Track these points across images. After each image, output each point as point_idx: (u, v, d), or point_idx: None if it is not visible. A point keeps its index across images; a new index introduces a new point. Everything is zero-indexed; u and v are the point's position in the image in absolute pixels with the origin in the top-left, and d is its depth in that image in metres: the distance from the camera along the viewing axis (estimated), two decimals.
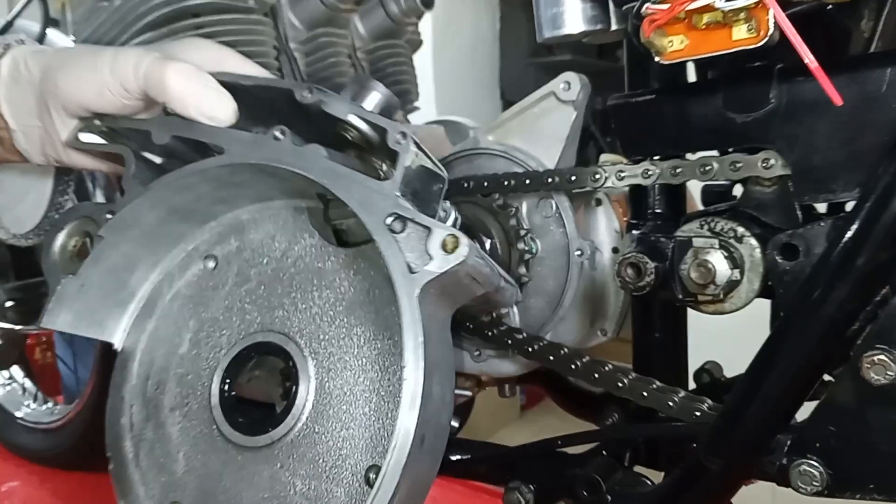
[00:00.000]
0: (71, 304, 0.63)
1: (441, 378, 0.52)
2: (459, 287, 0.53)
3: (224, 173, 0.60)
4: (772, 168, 0.62)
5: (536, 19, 0.71)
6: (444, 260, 0.50)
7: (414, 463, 0.49)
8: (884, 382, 0.54)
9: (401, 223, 0.51)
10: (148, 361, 0.66)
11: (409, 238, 0.51)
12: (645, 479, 0.74)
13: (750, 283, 0.64)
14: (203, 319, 0.64)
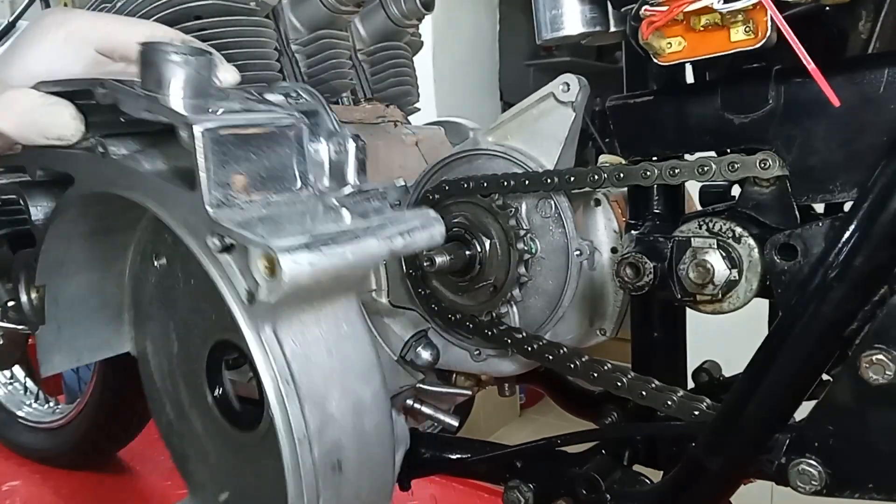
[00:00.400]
0: (59, 347, 0.61)
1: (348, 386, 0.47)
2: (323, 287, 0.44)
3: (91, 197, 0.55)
4: (770, 169, 0.63)
5: (536, 21, 0.71)
6: (270, 287, 0.40)
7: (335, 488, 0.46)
8: (882, 382, 0.54)
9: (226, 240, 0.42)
10: (158, 363, 0.66)
11: (240, 258, 0.42)
12: (644, 478, 0.74)
13: (748, 283, 0.64)
14: (177, 320, 0.62)
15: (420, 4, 1.10)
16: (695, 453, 0.64)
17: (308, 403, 0.44)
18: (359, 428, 0.48)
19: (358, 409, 0.48)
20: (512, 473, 0.78)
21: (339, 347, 0.47)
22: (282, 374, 0.43)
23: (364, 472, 0.49)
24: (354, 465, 0.47)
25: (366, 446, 0.48)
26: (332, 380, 0.46)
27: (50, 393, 1.89)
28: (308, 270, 0.40)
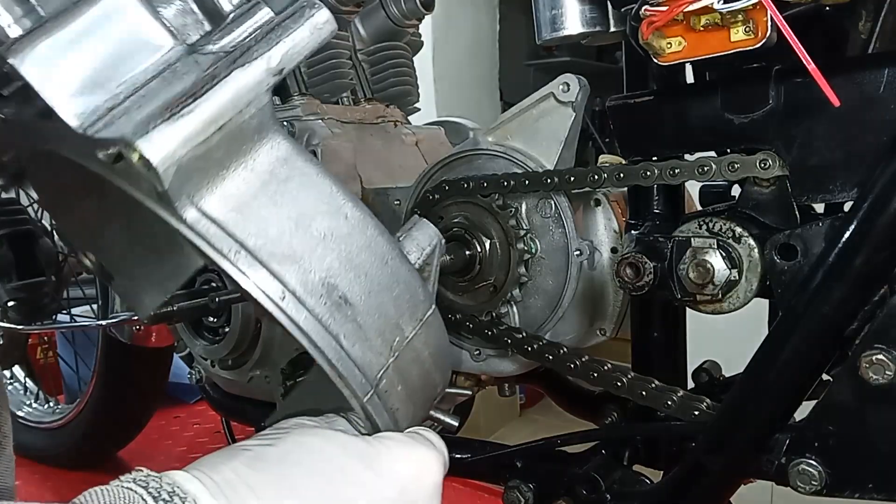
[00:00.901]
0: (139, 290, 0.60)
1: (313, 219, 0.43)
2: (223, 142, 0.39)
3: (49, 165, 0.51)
4: (770, 169, 0.63)
5: (536, 21, 0.71)
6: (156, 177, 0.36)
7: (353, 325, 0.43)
8: (882, 382, 0.54)
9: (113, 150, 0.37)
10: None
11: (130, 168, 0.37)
12: (644, 478, 0.74)
13: (748, 283, 0.64)
14: None
15: (420, 4, 1.10)
16: (695, 453, 0.64)
17: (271, 263, 0.41)
18: (346, 255, 0.44)
19: (334, 241, 0.44)
20: (512, 473, 0.78)
21: (283, 191, 0.43)
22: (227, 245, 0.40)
23: (376, 295, 0.46)
24: (361, 293, 0.45)
25: (362, 269, 0.45)
26: (289, 226, 0.42)
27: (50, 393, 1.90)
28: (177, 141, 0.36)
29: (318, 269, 0.43)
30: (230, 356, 1.03)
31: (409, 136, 1.10)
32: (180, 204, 0.39)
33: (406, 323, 0.48)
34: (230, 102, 0.38)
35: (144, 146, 0.35)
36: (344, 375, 0.44)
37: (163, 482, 0.35)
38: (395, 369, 0.47)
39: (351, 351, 0.44)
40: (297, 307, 0.42)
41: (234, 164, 0.41)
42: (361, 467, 0.43)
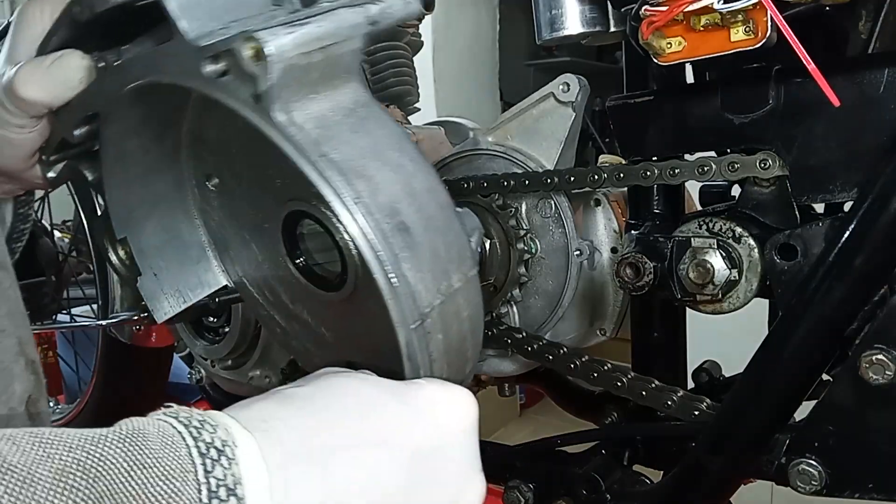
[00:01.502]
0: (162, 294, 0.65)
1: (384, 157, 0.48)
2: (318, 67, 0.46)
3: (119, 126, 0.57)
4: (770, 169, 0.63)
5: (536, 21, 0.71)
6: (263, 71, 0.43)
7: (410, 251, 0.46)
8: (882, 382, 0.54)
9: (219, 62, 0.45)
10: (253, 281, 0.68)
11: (235, 71, 0.44)
12: (644, 478, 0.74)
13: (748, 283, 0.64)
14: (249, 227, 0.64)
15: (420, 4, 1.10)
16: (695, 453, 0.65)
17: (348, 174, 0.45)
18: (410, 189, 0.48)
19: (402, 173, 0.48)
20: (512, 473, 0.78)
21: (361, 125, 0.48)
22: (312, 151, 0.44)
23: (434, 231, 0.49)
24: (420, 226, 0.47)
25: (423, 207, 0.49)
26: (364, 152, 0.47)
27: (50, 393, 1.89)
28: (290, 41, 0.43)
29: (386, 192, 0.46)
30: (230, 356, 1.03)
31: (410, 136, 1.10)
32: (274, 108, 0.44)
33: (453, 271, 0.50)
34: (334, 29, 0.46)
35: (263, 35, 0.42)
36: (400, 294, 0.45)
37: (193, 412, 0.36)
38: (439, 314, 0.48)
39: (407, 273, 0.46)
40: (366, 216, 0.45)
41: (323, 90, 0.47)
42: (396, 402, 0.43)
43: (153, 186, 0.63)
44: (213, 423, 0.35)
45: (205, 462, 0.32)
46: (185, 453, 0.32)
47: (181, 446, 0.33)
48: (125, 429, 0.33)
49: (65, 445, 0.30)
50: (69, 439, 0.31)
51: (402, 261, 0.45)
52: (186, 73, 0.47)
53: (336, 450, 0.38)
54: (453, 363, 0.51)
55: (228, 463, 0.33)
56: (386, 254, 0.45)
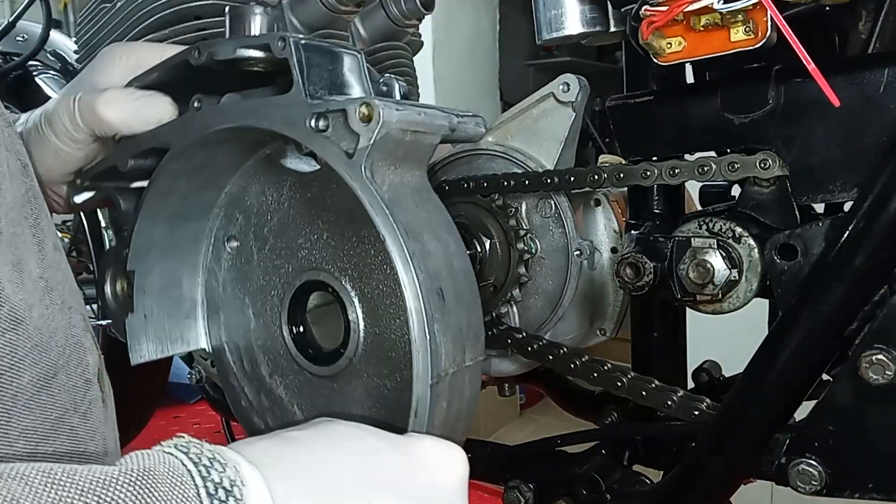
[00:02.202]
0: (145, 336, 0.68)
1: (435, 234, 0.54)
2: (406, 145, 0.53)
3: (181, 165, 0.62)
4: (770, 169, 0.63)
5: (536, 21, 0.71)
6: (367, 132, 0.50)
7: (442, 315, 0.51)
8: (882, 382, 0.54)
9: (323, 120, 0.52)
10: (234, 348, 0.71)
11: (336, 129, 0.52)
12: (644, 478, 0.74)
13: (748, 283, 0.64)
14: (253, 292, 0.68)
15: (420, 4, 1.10)
16: (695, 453, 0.65)
17: (407, 233, 0.50)
18: (450, 266, 0.54)
19: (447, 252, 0.54)
20: (512, 473, 0.78)
21: (422, 203, 0.55)
22: (381, 203, 0.50)
23: (461, 307, 0.54)
24: (452, 297, 0.53)
25: (458, 284, 0.54)
26: (422, 224, 0.53)
27: None
28: (397, 116, 0.51)
29: (433, 259, 0.52)
30: None
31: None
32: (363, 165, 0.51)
33: (469, 349, 0.54)
34: (428, 121, 0.55)
35: (377, 102, 0.50)
36: (428, 348, 0.49)
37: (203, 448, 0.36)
38: (449, 383, 0.52)
39: (436, 336, 0.50)
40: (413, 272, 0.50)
41: (402, 166, 0.54)
42: (393, 451, 0.45)
43: (177, 232, 0.69)
44: (223, 461, 0.35)
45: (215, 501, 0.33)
46: (194, 493, 0.33)
47: (190, 487, 0.33)
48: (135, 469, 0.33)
49: (77, 488, 0.31)
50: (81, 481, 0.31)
51: (434, 321, 0.50)
52: (289, 123, 0.54)
53: (343, 489, 0.40)
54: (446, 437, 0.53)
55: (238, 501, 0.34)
56: (423, 309, 0.49)
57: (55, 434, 0.44)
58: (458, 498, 0.46)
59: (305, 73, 0.54)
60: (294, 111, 0.53)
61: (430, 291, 0.50)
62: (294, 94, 0.53)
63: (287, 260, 0.64)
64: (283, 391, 0.67)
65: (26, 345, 0.43)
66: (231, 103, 0.59)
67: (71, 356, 0.48)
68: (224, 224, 0.70)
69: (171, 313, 0.70)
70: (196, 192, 0.67)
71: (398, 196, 0.52)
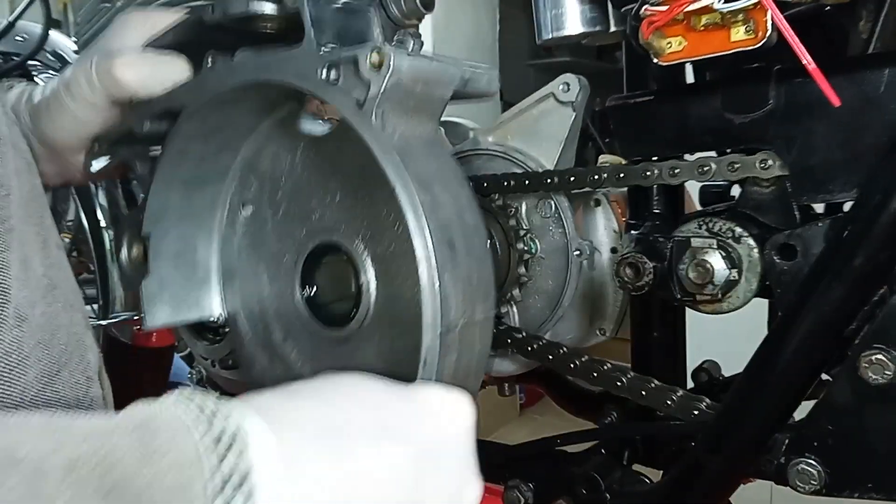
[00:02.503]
0: (160, 301, 0.68)
1: (447, 186, 0.53)
2: (417, 96, 0.53)
3: (195, 126, 0.62)
4: (770, 169, 0.63)
5: (536, 21, 0.71)
6: (378, 78, 0.49)
7: (452, 266, 0.50)
8: (882, 382, 0.54)
9: (335, 70, 0.51)
10: (249, 314, 0.71)
11: (347, 79, 0.51)
12: (643, 478, 0.74)
13: (748, 283, 0.64)
14: (267, 257, 0.68)
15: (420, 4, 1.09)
16: (694, 453, 0.65)
17: (417, 183, 0.50)
18: (462, 219, 0.53)
19: (458, 204, 0.53)
20: (512, 473, 0.78)
21: (433, 156, 0.54)
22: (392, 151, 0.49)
23: (472, 260, 0.53)
24: (463, 249, 0.52)
25: (469, 236, 0.53)
26: (433, 174, 0.52)
27: None
28: (409, 63, 0.50)
29: (444, 210, 0.51)
30: (231, 356, 1.03)
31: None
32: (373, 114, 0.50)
33: (480, 302, 0.53)
34: (441, 71, 0.54)
35: (389, 49, 0.49)
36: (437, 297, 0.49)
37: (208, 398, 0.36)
38: (459, 335, 0.51)
39: (447, 285, 0.49)
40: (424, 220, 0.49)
41: (414, 117, 0.53)
42: (397, 400, 0.44)
43: (193, 196, 0.68)
44: (227, 409, 0.35)
45: (218, 450, 0.32)
46: (196, 441, 0.32)
47: (193, 434, 0.33)
48: (137, 416, 0.33)
49: (76, 436, 0.30)
50: (81, 429, 0.31)
51: (445, 270, 0.49)
52: (301, 76, 0.53)
53: (350, 435, 0.39)
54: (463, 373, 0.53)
55: (241, 450, 0.33)
56: (433, 259, 0.49)
57: None
58: (464, 444, 0.46)
59: (317, 25, 0.53)
60: (306, 62, 0.53)
61: (440, 241, 0.49)
62: (306, 46, 0.53)
63: (300, 223, 0.64)
64: (296, 355, 0.67)
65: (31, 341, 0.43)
66: (243, 59, 0.59)
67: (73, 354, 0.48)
68: (239, 189, 0.69)
69: (188, 278, 0.70)
70: (211, 156, 0.66)
71: (409, 146, 0.52)
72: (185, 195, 0.68)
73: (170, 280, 0.69)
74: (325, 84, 0.52)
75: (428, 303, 0.49)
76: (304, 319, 0.64)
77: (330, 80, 0.51)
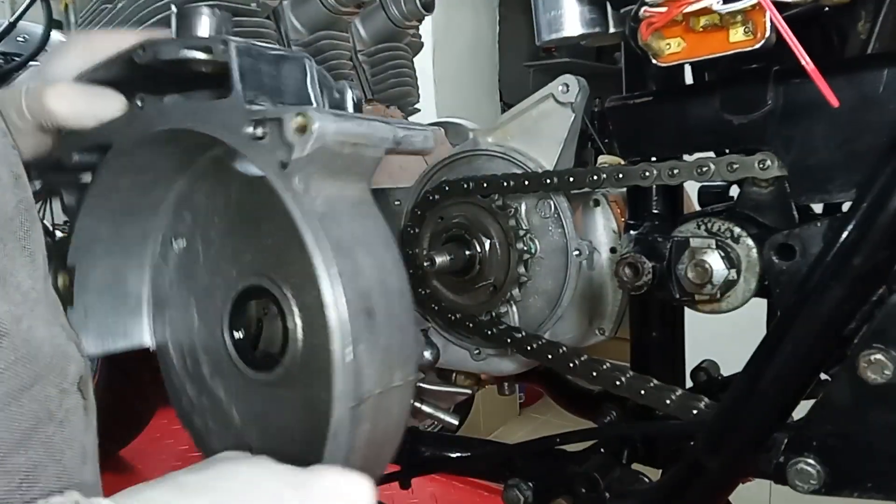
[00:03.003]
0: (86, 330, 0.67)
1: (371, 250, 0.52)
2: (345, 158, 0.52)
3: (125, 162, 0.62)
4: (768, 169, 0.63)
5: (535, 22, 0.71)
6: (302, 142, 0.48)
7: (370, 334, 0.49)
8: (881, 381, 0.54)
9: (260, 127, 0.50)
10: (178, 347, 0.70)
11: (272, 138, 0.50)
12: (643, 477, 0.74)
13: (746, 283, 0.65)
14: (198, 292, 0.67)
15: (420, 5, 1.10)
16: (693, 452, 0.65)
17: (338, 251, 0.49)
18: (384, 284, 0.53)
19: (381, 269, 0.53)
20: (511, 472, 0.78)
21: (359, 218, 0.54)
22: (313, 221, 0.49)
23: (393, 327, 0.52)
24: (384, 317, 0.52)
25: (392, 303, 0.53)
26: (357, 238, 0.52)
27: None
28: (333, 129, 0.49)
29: (365, 277, 0.51)
30: None
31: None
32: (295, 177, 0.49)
33: (399, 369, 0.53)
34: (370, 133, 0.53)
35: (313, 113, 0.48)
36: (349, 370, 0.48)
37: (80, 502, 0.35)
38: (375, 404, 0.51)
39: (361, 354, 0.49)
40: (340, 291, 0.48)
41: (341, 179, 0.53)
42: (293, 491, 0.44)
43: (122, 229, 0.67)
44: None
45: None
46: None
47: None
48: None
49: None
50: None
51: (360, 341, 0.49)
52: (227, 129, 0.52)
53: None
54: (370, 458, 0.53)
55: None
56: (345, 330, 0.48)
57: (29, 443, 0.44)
58: None
59: (245, 78, 0.52)
60: (232, 116, 0.52)
61: (358, 310, 0.49)
62: (233, 99, 0.52)
63: (232, 263, 0.63)
64: (223, 393, 0.66)
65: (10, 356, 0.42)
66: (173, 104, 0.58)
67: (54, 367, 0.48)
68: (173, 223, 0.68)
69: (116, 308, 0.69)
70: (141, 190, 0.65)
71: (334, 210, 0.51)
72: (114, 227, 0.66)
73: (96, 310, 0.67)
74: (250, 141, 0.51)
75: (339, 377, 0.48)
76: (232, 359, 0.64)
77: (255, 136, 0.50)
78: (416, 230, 0.87)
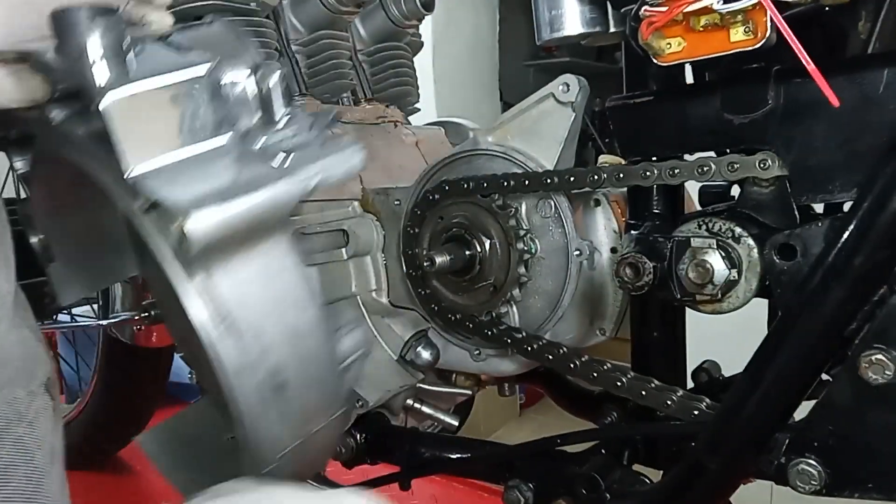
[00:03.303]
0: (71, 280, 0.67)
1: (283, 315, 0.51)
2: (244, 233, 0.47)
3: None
4: (769, 169, 0.63)
5: (536, 22, 0.71)
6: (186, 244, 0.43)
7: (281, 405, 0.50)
8: (882, 382, 0.54)
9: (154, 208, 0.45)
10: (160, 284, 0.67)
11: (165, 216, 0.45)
12: (643, 478, 0.74)
13: (748, 283, 0.64)
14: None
15: (420, 5, 1.10)
16: (694, 453, 0.65)
17: (246, 336, 0.48)
18: (297, 351, 0.52)
19: (295, 336, 0.52)
20: (512, 473, 0.78)
21: (271, 283, 0.51)
22: (216, 315, 0.47)
23: (310, 387, 0.53)
24: (298, 384, 0.52)
25: (306, 366, 0.53)
26: (268, 310, 0.50)
27: None
28: (214, 225, 0.43)
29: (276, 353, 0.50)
30: None
31: (410, 137, 1.10)
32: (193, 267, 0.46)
33: (320, 418, 0.55)
34: (268, 204, 0.46)
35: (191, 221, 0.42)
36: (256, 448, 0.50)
37: None
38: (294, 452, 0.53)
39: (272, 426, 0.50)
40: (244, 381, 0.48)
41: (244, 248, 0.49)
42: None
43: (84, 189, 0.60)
44: None
45: None
46: None
47: None
48: None
49: None
50: None
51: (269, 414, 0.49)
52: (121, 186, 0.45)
53: None
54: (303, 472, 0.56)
55: None
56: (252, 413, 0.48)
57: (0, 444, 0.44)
58: None
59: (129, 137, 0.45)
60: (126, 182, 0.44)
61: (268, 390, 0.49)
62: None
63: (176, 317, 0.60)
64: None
65: None
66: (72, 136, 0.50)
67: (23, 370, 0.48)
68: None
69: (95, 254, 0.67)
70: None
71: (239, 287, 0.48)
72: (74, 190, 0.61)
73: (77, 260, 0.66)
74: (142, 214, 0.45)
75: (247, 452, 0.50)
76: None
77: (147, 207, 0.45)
78: (416, 230, 0.87)
